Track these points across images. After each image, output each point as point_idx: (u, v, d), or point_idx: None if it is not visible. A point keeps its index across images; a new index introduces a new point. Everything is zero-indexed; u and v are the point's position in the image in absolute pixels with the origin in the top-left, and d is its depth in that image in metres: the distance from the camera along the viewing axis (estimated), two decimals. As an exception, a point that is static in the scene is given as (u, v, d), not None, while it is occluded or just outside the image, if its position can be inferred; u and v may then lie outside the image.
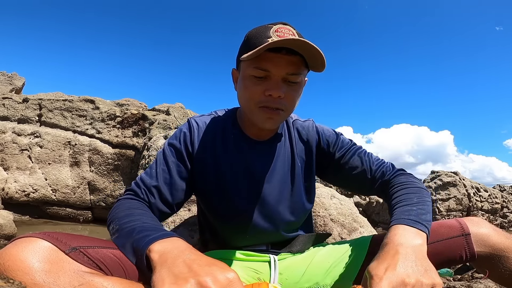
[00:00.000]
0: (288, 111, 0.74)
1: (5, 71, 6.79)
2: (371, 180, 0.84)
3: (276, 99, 0.70)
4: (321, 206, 2.51)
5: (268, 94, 0.70)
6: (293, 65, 0.69)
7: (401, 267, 0.51)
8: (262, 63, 0.69)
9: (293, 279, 0.77)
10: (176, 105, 4.27)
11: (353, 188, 0.91)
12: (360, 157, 0.85)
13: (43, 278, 0.44)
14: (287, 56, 0.68)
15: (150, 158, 3.13)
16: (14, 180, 3.56)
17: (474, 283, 1.36)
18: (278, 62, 0.68)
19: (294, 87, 0.72)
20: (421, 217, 0.64)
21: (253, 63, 0.70)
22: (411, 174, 0.82)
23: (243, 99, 0.75)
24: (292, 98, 0.73)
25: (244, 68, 0.73)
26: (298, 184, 0.84)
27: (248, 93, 0.72)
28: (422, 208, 0.67)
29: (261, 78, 0.71)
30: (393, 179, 0.81)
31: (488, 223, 0.74)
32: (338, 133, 0.90)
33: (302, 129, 0.89)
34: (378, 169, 0.83)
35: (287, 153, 0.85)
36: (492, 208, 3.27)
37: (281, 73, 0.69)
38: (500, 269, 0.69)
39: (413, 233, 0.60)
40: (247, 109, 0.76)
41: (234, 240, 0.83)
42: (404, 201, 0.70)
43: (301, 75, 0.71)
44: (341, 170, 0.86)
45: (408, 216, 0.64)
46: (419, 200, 0.70)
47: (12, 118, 3.82)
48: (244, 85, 0.73)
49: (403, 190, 0.75)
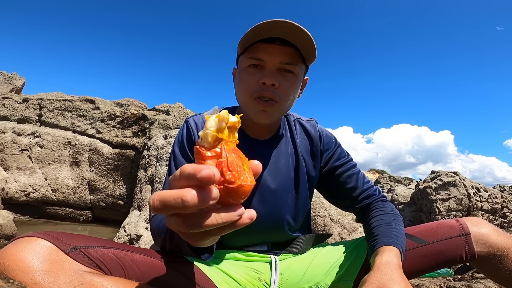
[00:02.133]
0: (282, 103, 0.74)
1: (5, 71, 6.79)
2: (356, 198, 0.85)
3: (270, 88, 0.71)
4: (321, 206, 2.51)
5: (261, 82, 0.71)
6: (287, 55, 0.71)
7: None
8: (256, 53, 0.71)
9: (294, 279, 0.77)
10: (176, 105, 4.27)
11: (334, 199, 0.91)
12: (355, 174, 0.86)
13: (43, 278, 0.44)
14: (281, 46, 0.70)
15: (150, 158, 3.13)
16: (14, 180, 3.56)
17: (474, 283, 1.36)
18: (272, 52, 0.70)
19: (289, 77, 0.73)
20: (401, 240, 0.69)
21: (248, 54, 0.73)
22: (390, 202, 0.86)
23: (239, 92, 0.77)
24: (287, 88, 0.73)
25: (241, 61, 0.76)
26: (303, 183, 0.83)
27: (243, 84, 0.74)
28: (400, 231, 0.72)
29: (256, 67, 0.72)
30: (376, 204, 0.83)
31: (488, 223, 0.74)
32: (338, 142, 0.89)
33: (306, 127, 0.88)
34: (366, 191, 0.85)
35: (290, 152, 0.84)
36: (492, 208, 3.27)
37: (275, 62, 0.71)
38: (500, 269, 0.69)
39: (397, 253, 0.64)
40: (242, 102, 0.77)
41: (234, 241, 0.82)
42: (386, 225, 0.73)
43: (296, 66, 0.72)
44: (332, 180, 0.86)
45: (396, 239, 0.68)
46: (399, 225, 0.74)
47: (12, 118, 3.82)
48: (240, 77, 0.75)
49: (386, 215, 0.77)
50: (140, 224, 2.73)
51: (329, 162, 0.86)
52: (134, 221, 2.78)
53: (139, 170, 3.25)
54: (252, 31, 0.68)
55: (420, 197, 3.19)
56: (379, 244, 0.66)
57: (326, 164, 0.86)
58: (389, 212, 0.78)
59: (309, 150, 0.86)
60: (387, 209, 0.79)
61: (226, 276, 0.73)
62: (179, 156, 0.80)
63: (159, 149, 3.09)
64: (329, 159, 0.86)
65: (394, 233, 0.69)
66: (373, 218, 0.78)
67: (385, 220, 0.75)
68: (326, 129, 0.91)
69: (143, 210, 2.89)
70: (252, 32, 0.68)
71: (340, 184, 0.85)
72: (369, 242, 0.72)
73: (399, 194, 3.63)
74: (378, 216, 0.77)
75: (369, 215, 0.81)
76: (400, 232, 0.71)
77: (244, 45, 0.73)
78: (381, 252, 0.63)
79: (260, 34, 0.69)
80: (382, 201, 0.84)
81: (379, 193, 0.86)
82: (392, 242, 0.66)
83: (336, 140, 0.89)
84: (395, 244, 0.65)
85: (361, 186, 0.85)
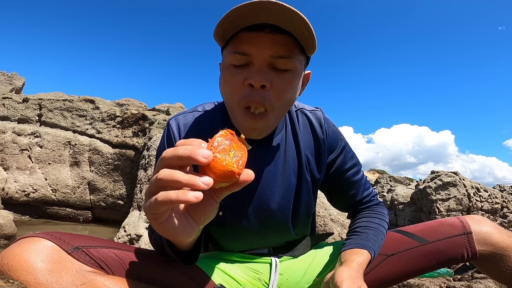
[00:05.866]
0: (276, 110, 0.59)
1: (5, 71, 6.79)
2: (352, 204, 0.84)
3: (259, 91, 0.56)
4: (321, 206, 2.52)
5: (248, 83, 0.56)
6: (280, 46, 0.55)
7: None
8: (240, 45, 0.56)
9: (294, 280, 0.76)
10: (176, 105, 4.27)
11: (329, 200, 0.88)
12: (357, 181, 0.81)
13: (46, 278, 0.45)
14: (271, 35, 0.54)
15: (150, 158, 3.12)
16: (14, 180, 3.56)
17: (474, 283, 1.36)
18: (260, 42, 0.54)
19: (283, 75, 0.57)
20: (376, 244, 0.70)
21: (231, 48, 0.57)
22: (383, 207, 0.86)
23: (223, 94, 0.63)
24: (281, 90, 0.57)
25: (224, 57, 0.61)
26: (305, 184, 0.75)
27: (227, 86, 0.59)
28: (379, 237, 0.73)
29: (241, 67, 0.57)
30: (369, 208, 0.83)
31: (489, 221, 0.74)
32: (344, 140, 0.80)
33: (311, 120, 0.76)
34: (365, 198, 0.83)
35: (290, 151, 0.74)
36: (492, 208, 3.27)
37: (264, 55, 0.55)
38: (502, 268, 0.69)
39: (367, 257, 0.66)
40: (228, 107, 0.63)
41: (233, 246, 0.78)
42: (373, 229, 0.74)
43: (292, 59, 0.57)
44: (332, 184, 0.81)
45: (374, 243, 0.70)
46: (379, 232, 0.74)
47: (12, 118, 3.82)
48: (223, 77, 0.60)
49: (373, 219, 0.78)
50: (140, 224, 2.73)
51: (333, 165, 0.77)
52: (134, 221, 2.78)
53: (139, 170, 3.25)
54: (226, 18, 0.53)
55: (420, 197, 3.20)
56: (355, 246, 0.69)
57: (330, 166, 0.78)
58: (378, 217, 0.79)
59: (313, 148, 0.76)
60: (377, 213, 0.80)
61: (226, 276, 0.73)
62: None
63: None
64: (334, 161, 0.77)
65: (373, 238, 0.71)
66: (360, 219, 0.79)
67: (370, 224, 0.76)
68: (332, 122, 0.79)
69: (143, 210, 2.89)
70: (228, 19, 0.53)
71: (340, 189, 0.82)
72: (346, 239, 0.74)
73: (399, 194, 3.63)
74: (365, 218, 0.79)
75: (358, 215, 0.82)
76: (379, 237, 0.73)
77: (224, 36, 0.57)
78: (355, 253, 0.66)
79: (242, 21, 0.53)
80: (375, 206, 0.84)
81: (376, 199, 0.85)
82: (368, 246, 0.68)
83: (343, 138, 0.80)
84: (370, 249, 0.68)
85: (361, 193, 0.82)
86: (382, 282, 0.74)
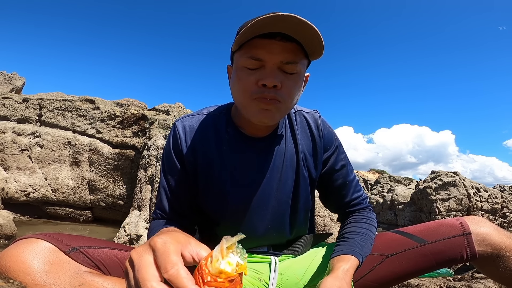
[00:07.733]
0: (285, 104, 0.67)
1: (5, 71, 6.80)
2: (341, 206, 0.85)
3: (271, 90, 0.64)
4: (321, 206, 2.51)
5: (261, 83, 0.63)
6: (289, 53, 0.63)
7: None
8: (254, 51, 0.63)
9: (294, 279, 0.77)
10: (176, 105, 4.27)
11: (322, 198, 0.90)
12: (348, 183, 0.84)
13: (43, 279, 0.45)
14: (281, 42, 0.62)
15: (150, 158, 3.13)
16: (14, 180, 3.56)
17: (474, 283, 1.36)
18: (272, 49, 0.62)
19: (291, 77, 0.65)
20: (364, 249, 0.72)
21: (245, 53, 0.64)
22: (372, 211, 0.87)
23: (236, 92, 0.69)
24: (290, 89, 0.66)
25: (236, 59, 0.68)
26: (303, 183, 0.79)
27: (241, 84, 0.66)
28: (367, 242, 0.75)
29: (254, 69, 0.64)
30: (358, 212, 0.84)
31: (489, 222, 0.74)
32: (338, 141, 0.85)
33: (309, 121, 0.82)
34: (354, 200, 0.84)
35: (289, 150, 0.78)
36: (492, 208, 3.27)
37: (275, 60, 0.63)
38: (501, 269, 0.69)
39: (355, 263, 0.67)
40: (240, 103, 0.69)
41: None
42: (361, 234, 0.75)
43: (298, 64, 0.65)
44: (323, 183, 0.84)
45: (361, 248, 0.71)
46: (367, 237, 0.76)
47: (12, 118, 3.82)
48: (237, 76, 0.67)
49: (361, 224, 0.79)
50: (140, 224, 2.73)
51: (327, 163, 0.82)
52: (134, 221, 2.79)
53: (139, 170, 3.25)
54: (252, 27, 0.59)
55: (420, 197, 3.20)
56: (342, 252, 0.70)
57: (324, 164, 0.82)
58: (366, 221, 0.80)
59: (311, 148, 0.80)
60: (365, 218, 0.81)
61: (226, 276, 0.73)
62: (169, 172, 0.77)
63: (159, 149, 3.09)
64: (328, 159, 0.82)
65: (360, 243, 0.72)
66: (348, 225, 0.80)
67: (358, 229, 0.77)
68: (328, 124, 0.85)
69: (143, 210, 2.89)
70: (252, 28, 0.59)
71: (331, 189, 0.84)
72: (335, 246, 0.75)
73: (399, 194, 3.63)
74: (353, 223, 0.79)
75: (347, 220, 0.82)
76: (367, 242, 0.74)
77: (241, 41, 0.64)
78: (342, 259, 0.67)
79: (259, 29, 0.60)
80: (364, 210, 0.84)
81: (365, 203, 0.86)
82: (355, 252, 0.69)
83: (337, 138, 0.85)
84: (357, 254, 0.69)
85: (350, 194, 0.84)
86: (382, 283, 0.74)
